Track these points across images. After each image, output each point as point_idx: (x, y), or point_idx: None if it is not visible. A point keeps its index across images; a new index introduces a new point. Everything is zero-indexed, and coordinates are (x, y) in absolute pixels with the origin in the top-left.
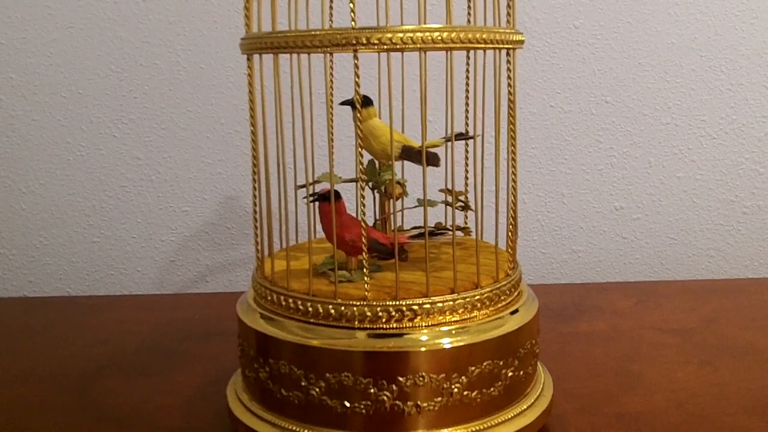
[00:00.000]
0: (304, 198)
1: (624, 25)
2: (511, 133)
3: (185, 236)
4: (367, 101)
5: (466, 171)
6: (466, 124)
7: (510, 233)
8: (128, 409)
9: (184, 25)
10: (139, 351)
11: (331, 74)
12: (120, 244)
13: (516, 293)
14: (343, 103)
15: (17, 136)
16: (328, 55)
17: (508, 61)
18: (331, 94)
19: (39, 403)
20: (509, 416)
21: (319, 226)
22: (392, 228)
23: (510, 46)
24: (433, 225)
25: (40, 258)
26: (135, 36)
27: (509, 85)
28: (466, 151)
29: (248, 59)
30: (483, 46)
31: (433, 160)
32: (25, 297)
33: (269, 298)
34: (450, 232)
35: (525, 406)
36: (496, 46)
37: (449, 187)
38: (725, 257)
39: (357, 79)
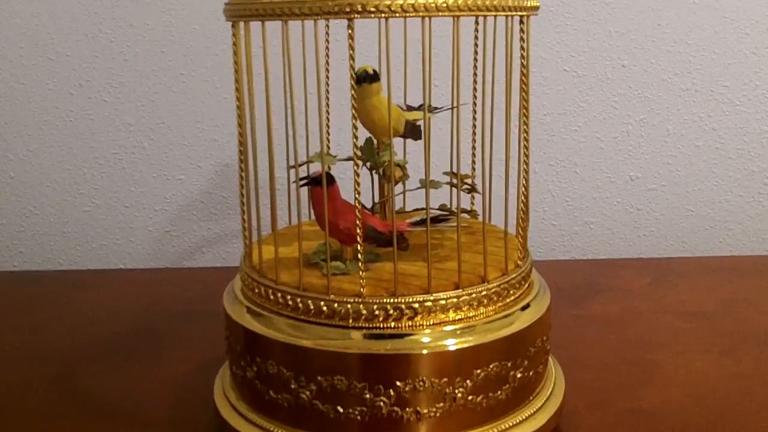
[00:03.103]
0: (294, 182)
1: None
2: (524, 109)
3: (180, 206)
4: (375, 76)
5: (474, 149)
6: (474, 97)
7: (521, 219)
8: (112, 398)
9: None
10: (128, 333)
11: (327, 45)
12: (112, 214)
13: (526, 285)
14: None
15: (3, 101)
16: (319, 23)
17: (522, 30)
18: (327, 70)
19: (20, 387)
20: (518, 420)
21: (309, 211)
22: (391, 214)
23: (524, 12)
24: (437, 207)
25: (30, 228)
26: None
27: (522, 56)
28: (474, 125)
29: (233, 26)
30: (494, 12)
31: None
32: (14, 272)
33: (257, 290)
34: (454, 217)
35: (535, 409)
36: (508, 12)
37: (454, 170)
38: (745, 230)
39: (351, 52)
